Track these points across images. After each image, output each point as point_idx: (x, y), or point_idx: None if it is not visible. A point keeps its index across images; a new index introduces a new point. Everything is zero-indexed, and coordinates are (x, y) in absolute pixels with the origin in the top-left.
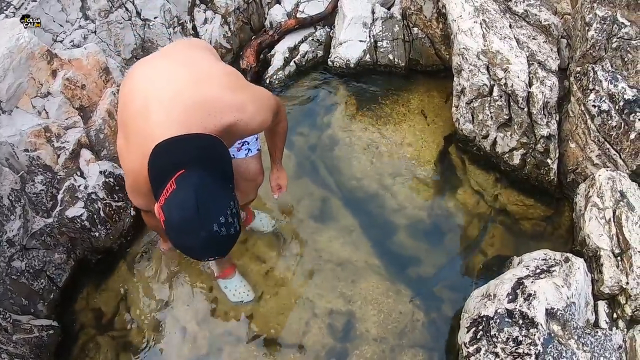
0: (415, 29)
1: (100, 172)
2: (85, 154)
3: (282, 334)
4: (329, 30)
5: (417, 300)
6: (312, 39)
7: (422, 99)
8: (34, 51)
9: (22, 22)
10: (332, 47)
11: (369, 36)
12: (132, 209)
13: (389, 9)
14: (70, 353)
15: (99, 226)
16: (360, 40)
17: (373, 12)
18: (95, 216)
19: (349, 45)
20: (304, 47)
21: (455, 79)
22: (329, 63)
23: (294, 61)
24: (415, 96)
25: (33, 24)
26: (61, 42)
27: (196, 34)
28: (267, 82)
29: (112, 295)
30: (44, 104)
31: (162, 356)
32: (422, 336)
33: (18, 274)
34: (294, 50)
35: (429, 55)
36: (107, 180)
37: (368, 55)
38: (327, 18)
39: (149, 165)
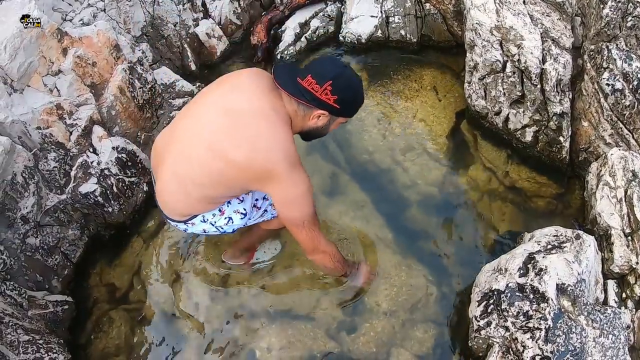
0: (427, 4)
1: (113, 148)
2: (98, 130)
3: (294, 307)
4: (340, 5)
5: (428, 275)
6: (323, 15)
7: (434, 75)
8: (44, 30)
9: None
10: (343, 23)
11: (381, 11)
12: (144, 184)
13: None
14: (84, 328)
15: (112, 202)
16: (372, 16)
17: None
18: (108, 192)
19: (361, 21)
20: (314, 23)
21: (467, 54)
22: (340, 39)
23: (305, 37)
24: (428, 72)
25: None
26: (70, 20)
27: (206, 11)
28: (279, 57)
29: (125, 270)
30: (55, 82)
31: (176, 329)
32: (433, 310)
33: (32, 250)
34: (304, 25)
35: (441, 31)
36: (119, 156)
37: (380, 31)
38: None
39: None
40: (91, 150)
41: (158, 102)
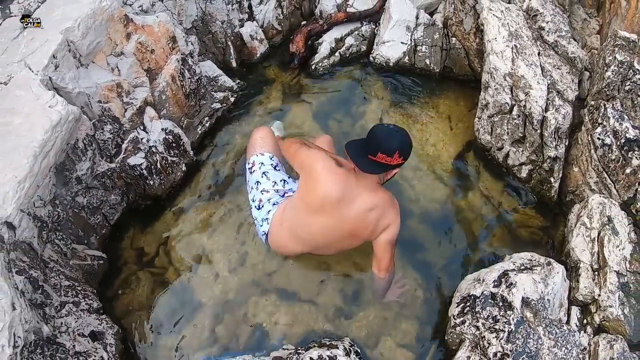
0: (454, 39)
1: (162, 129)
2: (150, 111)
3: (300, 290)
4: (374, 27)
5: (418, 279)
6: (358, 34)
7: (450, 105)
8: (113, 14)
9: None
10: (375, 44)
11: (411, 39)
12: (184, 164)
13: (431, 14)
14: (113, 283)
15: (154, 176)
16: (402, 42)
17: (417, 17)
18: (152, 167)
19: (391, 45)
20: (349, 40)
21: (482, 93)
22: (371, 58)
23: (339, 52)
24: (445, 102)
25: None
26: (130, 5)
27: (251, 13)
28: (313, 67)
29: (155, 238)
30: (117, 62)
31: (194, 295)
32: (419, 309)
33: (80, 208)
34: (340, 41)
35: (462, 65)
36: (166, 137)
37: (407, 57)
38: (374, 15)
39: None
40: (142, 128)
41: (202, 93)
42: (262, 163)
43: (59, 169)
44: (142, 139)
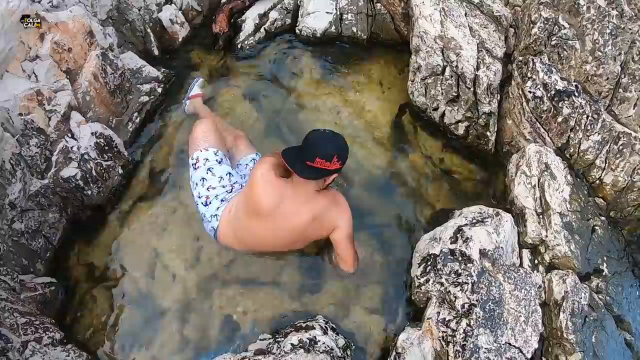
0: (378, 4)
1: (92, 133)
2: (76, 116)
3: (261, 275)
4: None
5: (375, 245)
6: (282, 7)
7: (381, 70)
8: (23, 14)
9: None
10: (300, 16)
11: (336, 8)
12: (120, 167)
13: None
14: (70, 307)
15: (91, 185)
16: (327, 12)
17: None
18: (87, 175)
19: (316, 16)
20: (273, 14)
21: (412, 57)
22: (297, 31)
23: (264, 27)
24: (375, 67)
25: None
26: (39, 2)
27: None
28: (239, 46)
29: (103, 250)
30: (33, 67)
31: (155, 301)
32: (381, 274)
33: (19, 235)
34: (263, 16)
35: (389, 30)
36: (97, 140)
37: (333, 27)
38: None
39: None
40: (70, 135)
41: (127, 88)
42: (207, 159)
43: None
44: (72, 148)
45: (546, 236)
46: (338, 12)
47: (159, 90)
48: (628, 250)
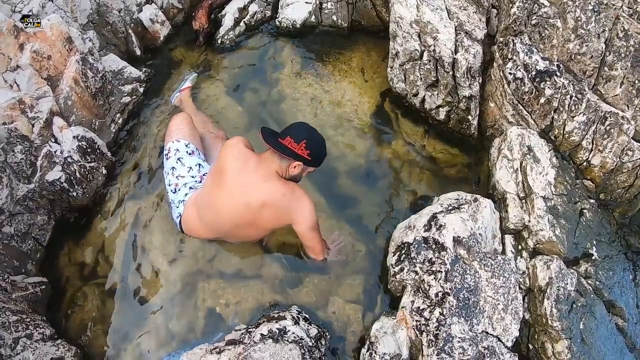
0: None
1: (74, 136)
2: (58, 121)
3: (243, 268)
4: None
5: (356, 234)
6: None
7: (362, 57)
8: (1, 27)
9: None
10: (279, 8)
11: None
12: (103, 168)
13: None
14: (61, 304)
15: (76, 187)
16: (307, 2)
17: None
18: (72, 178)
19: (296, 7)
20: (253, 7)
21: (390, 43)
22: (277, 23)
23: (244, 21)
24: (356, 55)
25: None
26: (19, 12)
27: None
28: (219, 42)
29: (91, 249)
30: (15, 77)
31: (143, 296)
32: (361, 264)
33: (9, 238)
34: (243, 10)
35: (370, 16)
36: (80, 144)
37: (313, 16)
38: None
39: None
40: (53, 140)
41: (109, 90)
42: (177, 149)
43: None
44: (55, 152)
45: (529, 221)
46: (318, 2)
47: (141, 90)
48: (620, 233)
